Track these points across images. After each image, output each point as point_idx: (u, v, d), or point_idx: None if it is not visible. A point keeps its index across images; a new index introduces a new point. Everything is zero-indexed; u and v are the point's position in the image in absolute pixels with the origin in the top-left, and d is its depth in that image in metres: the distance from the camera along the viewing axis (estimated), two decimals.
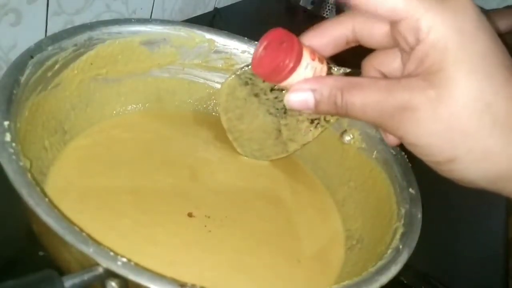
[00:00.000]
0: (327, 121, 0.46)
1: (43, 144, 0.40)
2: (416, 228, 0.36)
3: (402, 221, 0.37)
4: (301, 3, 1.18)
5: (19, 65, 0.36)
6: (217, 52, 0.51)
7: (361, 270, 0.32)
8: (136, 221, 0.39)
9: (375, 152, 0.45)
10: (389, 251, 0.34)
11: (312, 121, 0.46)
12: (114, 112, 0.48)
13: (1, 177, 0.28)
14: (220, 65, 0.51)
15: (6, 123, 0.31)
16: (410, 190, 0.40)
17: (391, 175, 0.42)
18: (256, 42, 0.52)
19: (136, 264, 0.26)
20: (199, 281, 0.27)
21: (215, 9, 0.93)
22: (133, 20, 0.46)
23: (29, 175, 0.29)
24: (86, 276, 0.25)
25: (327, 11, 1.18)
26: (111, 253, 0.26)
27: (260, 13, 1.02)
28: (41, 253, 0.36)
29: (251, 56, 0.51)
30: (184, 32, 0.49)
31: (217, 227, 0.41)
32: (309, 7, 1.19)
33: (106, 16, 0.71)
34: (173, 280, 0.26)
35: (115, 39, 0.45)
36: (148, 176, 0.44)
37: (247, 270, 0.39)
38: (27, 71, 0.36)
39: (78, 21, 0.66)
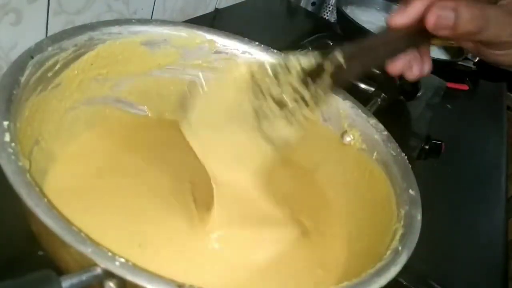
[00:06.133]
0: (306, 118, 0.41)
1: (43, 144, 0.40)
2: (416, 230, 0.36)
3: (402, 223, 0.37)
4: (301, 4, 1.18)
5: (19, 65, 0.36)
6: (217, 52, 0.51)
7: (360, 271, 0.32)
8: (135, 223, 0.39)
9: (375, 153, 0.45)
10: (388, 252, 0.34)
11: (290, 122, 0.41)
12: (115, 112, 0.48)
13: (0, 177, 0.28)
14: (221, 66, 0.51)
15: (5, 123, 0.31)
16: (410, 191, 0.40)
17: (391, 176, 0.42)
18: (257, 43, 0.52)
19: (134, 265, 0.26)
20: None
21: (216, 9, 0.93)
22: (133, 20, 0.46)
23: (28, 175, 0.29)
24: (84, 276, 0.25)
25: (327, 12, 1.19)
26: (109, 254, 0.26)
27: (261, 14, 1.02)
28: (40, 253, 0.36)
29: (252, 56, 0.51)
30: (185, 33, 0.49)
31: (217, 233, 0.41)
32: (309, 8, 1.19)
33: (107, 16, 0.71)
34: (171, 281, 0.26)
35: (115, 40, 0.45)
36: (147, 177, 0.44)
37: (246, 272, 0.39)
38: (27, 71, 0.36)
39: (79, 21, 0.66)
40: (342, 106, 0.49)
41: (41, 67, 0.38)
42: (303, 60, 0.39)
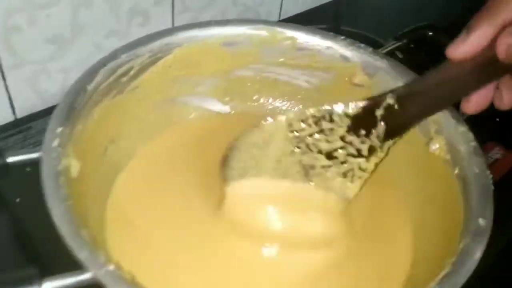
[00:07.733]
0: (363, 170, 0.39)
1: (121, 142, 0.44)
2: (465, 272, 0.30)
3: (453, 259, 0.31)
4: None
5: (89, 74, 0.40)
6: (300, 49, 0.49)
7: None
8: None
9: (457, 168, 0.38)
10: None
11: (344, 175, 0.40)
12: (197, 110, 0.51)
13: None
14: (303, 63, 0.49)
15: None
16: (480, 220, 0.33)
17: (466, 197, 0.36)
18: (343, 37, 0.48)
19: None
20: None
21: None
22: (212, 22, 0.48)
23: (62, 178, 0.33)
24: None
25: None
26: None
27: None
28: None
29: (335, 51, 0.48)
30: (265, 31, 0.48)
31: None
32: None
33: (232, 11, 0.73)
34: None
35: (195, 42, 0.46)
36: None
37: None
38: (97, 79, 0.40)
39: (203, 17, 0.69)
40: None
41: (113, 74, 0.42)
42: (349, 105, 0.37)
